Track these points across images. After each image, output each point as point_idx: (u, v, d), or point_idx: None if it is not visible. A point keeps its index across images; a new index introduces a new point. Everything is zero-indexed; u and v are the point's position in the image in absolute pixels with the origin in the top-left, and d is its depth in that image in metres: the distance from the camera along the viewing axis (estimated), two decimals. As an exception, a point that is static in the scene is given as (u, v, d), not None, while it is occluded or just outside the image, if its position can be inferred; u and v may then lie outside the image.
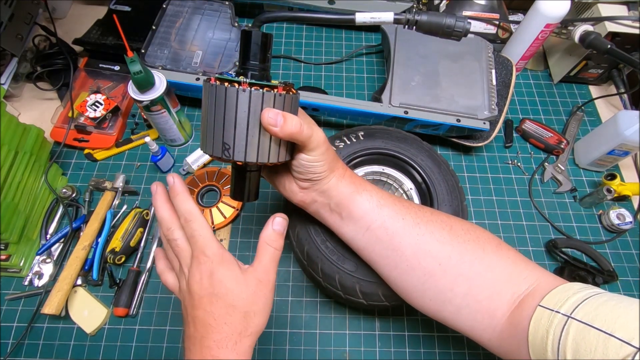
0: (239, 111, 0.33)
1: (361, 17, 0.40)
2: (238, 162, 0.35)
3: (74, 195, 0.62)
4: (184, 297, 0.36)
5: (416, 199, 0.56)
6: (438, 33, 0.41)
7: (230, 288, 0.33)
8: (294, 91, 0.36)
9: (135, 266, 0.56)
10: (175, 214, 0.36)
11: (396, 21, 0.40)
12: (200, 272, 0.34)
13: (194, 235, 0.34)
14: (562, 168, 0.68)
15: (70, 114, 0.64)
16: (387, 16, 0.40)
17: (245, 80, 0.33)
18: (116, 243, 0.55)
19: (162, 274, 0.39)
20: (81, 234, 0.57)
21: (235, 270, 0.34)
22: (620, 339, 0.25)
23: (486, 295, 0.36)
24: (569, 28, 0.69)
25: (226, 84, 0.32)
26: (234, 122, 0.33)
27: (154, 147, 0.60)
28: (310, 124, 0.36)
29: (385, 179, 0.59)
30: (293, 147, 0.37)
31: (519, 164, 0.69)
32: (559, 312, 0.30)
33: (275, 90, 0.33)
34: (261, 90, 0.33)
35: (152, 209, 0.61)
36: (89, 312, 0.54)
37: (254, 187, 0.39)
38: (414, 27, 0.41)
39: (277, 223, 0.37)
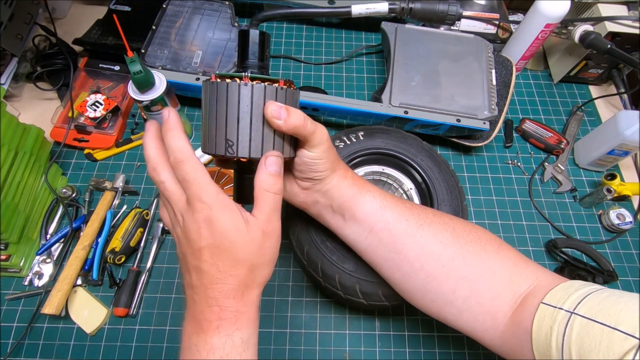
0: (242, 105, 0.32)
1: (357, 9, 0.41)
2: (242, 159, 0.34)
3: (74, 195, 0.62)
4: (180, 243, 0.32)
5: (416, 199, 0.56)
6: (432, 19, 0.42)
7: (234, 241, 0.30)
8: (294, 87, 0.36)
9: (135, 266, 0.56)
10: (165, 152, 0.31)
11: (391, 11, 0.41)
12: (197, 221, 0.30)
13: (187, 179, 0.30)
14: (562, 168, 0.68)
15: (70, 114, 0.64)
16: (382, 7, 0.41)
17: (246, 74, 0.33)
18: (116, 243, 0.55)
19: (160, 208, 0.34)
20: (81, 234, 0.57)
21: (238, 221, 0.31)
22: (624, 331, 0.26)
23: (488, 298, 0.36)
24: (569, 28, 0.69)
25: (227, 79, 0.32)
26: (237, 118, 0.32)
27: (154, 147, 0.59)
28: (313, 121, 0.36)
29: (385, 179, 0.59)
30: (296, 145, 0.37)
31: (519, 164, 0.69)
32: (562, 309, 0.30)
33: (277, 84, 0.33)
34: (263, 84, 0.32)
35: (152, 208, 0.61)
36: (89, 312, 0.54)
37: None
38: (409, 15, 0.42)
39: (271, 163, 0.32)
